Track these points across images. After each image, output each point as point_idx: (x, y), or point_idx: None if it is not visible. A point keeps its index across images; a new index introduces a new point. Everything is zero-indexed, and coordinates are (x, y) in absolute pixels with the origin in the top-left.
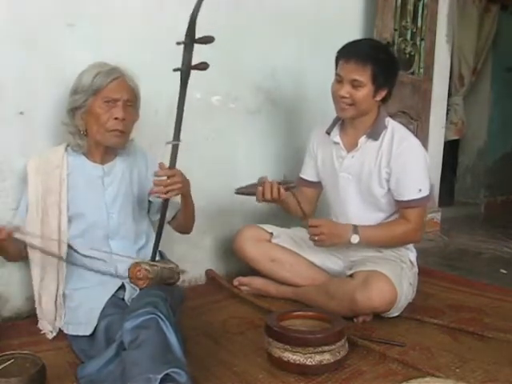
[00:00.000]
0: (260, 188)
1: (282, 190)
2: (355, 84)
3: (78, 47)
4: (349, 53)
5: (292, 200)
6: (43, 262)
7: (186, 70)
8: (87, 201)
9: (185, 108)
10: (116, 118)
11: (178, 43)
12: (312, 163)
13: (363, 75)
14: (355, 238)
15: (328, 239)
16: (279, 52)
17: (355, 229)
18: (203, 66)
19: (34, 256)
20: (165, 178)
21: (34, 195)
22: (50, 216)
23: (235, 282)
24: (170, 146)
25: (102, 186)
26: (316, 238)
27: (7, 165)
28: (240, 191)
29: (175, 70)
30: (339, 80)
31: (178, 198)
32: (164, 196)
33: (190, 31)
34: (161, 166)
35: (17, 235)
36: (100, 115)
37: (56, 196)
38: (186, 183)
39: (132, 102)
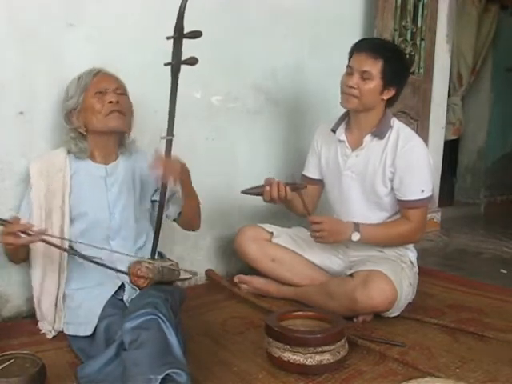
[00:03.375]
0: (267, 188)
1: (288, 190)
2: (364, 76)
3: (78, 47)
4: (362, 45)
5: (298, 200)
6: (45, 264)
7: (176, 65)
8: (90, 201)
9: (185, 108)
10: (110, 102)
11: (168, 38)
12: (315, 161)
13: (373, 67)
14: (356, 236)
15: (329, 236)
16: (279, 52)
17: (356, 226)
18: (192, 61)
19: (37, 258)
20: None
21: (37, 198)
22: (54, 218)
23: (236, 279)
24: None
25: (105, 186)
26: (317, 234)
27: (7, 165)
28: (247, 191)
29: (166, 64)
30: (349, 72)
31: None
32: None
33: (179, 26)
34: (156, 152)
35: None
36: (94, 104)
37: (59, 199)
38: (184, 170)
39: (121, 89)
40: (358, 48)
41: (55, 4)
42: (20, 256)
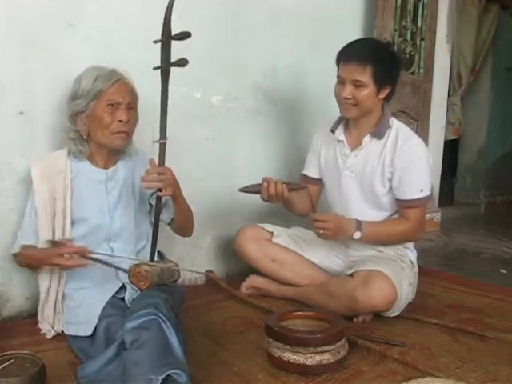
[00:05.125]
0: (265, 184)
1: (285, 189)
2: (357, 84)
3: (78, 47)
4: (348, 54)
5: (297, 199)
6: (50, 269)
7: (165, 67)
8: (91, 205)
9: (185, 108)
10: (120, 121)
11: (155, 41)
12: (315, 161)
13: (364, 75)
14: (357, 235)
15: (333, 234)
16: (279, 52)
17: (359, 224)
18: (182, 63)
19: (45, 267)
20: (155, 175)
21: (41, 201)
22: (56, 222)
23: (243, 289)
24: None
25: (105, 191)
26: (321, 231)
27: (7, 165)
28: (245, 190)
29: (155, 68)
30: (341, 81)
31: None
32: (154, 185)
33: (166, 28)
34: (151, 163)
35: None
36: (104, 118)
37: (61, 202)
38: (176, 184)
39: (133, 104)
40: (344, 57)
41: (55, 4)
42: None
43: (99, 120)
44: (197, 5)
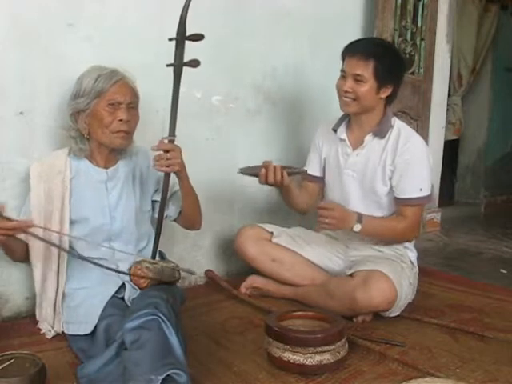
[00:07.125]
0: (264, 170)
1: (285, 175)
2: (358, 79)
3: (78, 47)
4: (353, 48)
5: (294, 188)
6: (44, 266)
7: (178, 66)
8: (91, 205)
9: (185, 108)
10: (121, 120)
11: (170, 39)
12: (316, 159)
13: (365, 70)
14: (357, 227)
15: (337, 223)
16: (279, 52)
17: (360, 217)
18: (194, 63)
19: (37, 261)
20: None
21: (36, 201)
22: (53, 221)
23: (243, 290)
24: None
25: (106, 191)
26: (326, 220)
27: (7, 165)
28: (244, 171)
29: (168, 65)
30: (343, 75)
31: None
32: (165, 169)
33: (181, 28)
34: (160, 141)
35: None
36: (104, 117)
37: (58, 202)
38: (183, 164)
39: (134, 103)
40: (349, 51)
41: (55, 4)
42: (15, 253)
43: (100, 119)
44: (197, 5)
